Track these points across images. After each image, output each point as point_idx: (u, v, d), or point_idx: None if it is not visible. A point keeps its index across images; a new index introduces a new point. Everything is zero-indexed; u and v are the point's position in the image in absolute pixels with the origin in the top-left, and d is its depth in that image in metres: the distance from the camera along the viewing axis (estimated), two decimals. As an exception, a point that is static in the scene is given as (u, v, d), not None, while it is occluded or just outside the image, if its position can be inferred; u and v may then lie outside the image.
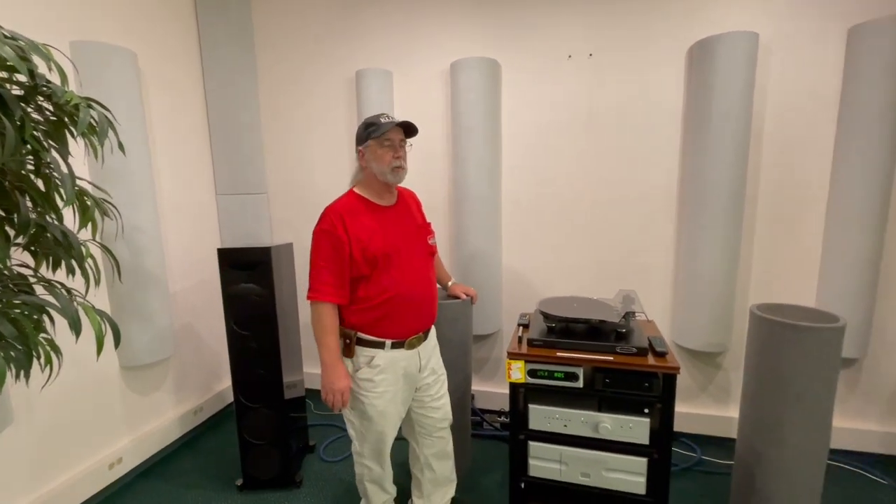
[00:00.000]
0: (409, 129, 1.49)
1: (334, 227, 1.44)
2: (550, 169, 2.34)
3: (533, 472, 1.65)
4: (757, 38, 1.95)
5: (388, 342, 1.51)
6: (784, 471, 1.60)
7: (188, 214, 2.46)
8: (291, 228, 2.74)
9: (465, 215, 2.35)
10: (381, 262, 1.47)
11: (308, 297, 1.48)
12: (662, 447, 1.51)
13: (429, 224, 1.65)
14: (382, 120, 1.46)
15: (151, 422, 2.26)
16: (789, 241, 2.12)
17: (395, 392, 1.55)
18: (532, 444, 1.64)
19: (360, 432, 1.59)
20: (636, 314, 1.71)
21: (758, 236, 2.15)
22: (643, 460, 1.53)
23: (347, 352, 1.51)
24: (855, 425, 2.14)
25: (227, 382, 2.76)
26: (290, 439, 2.03)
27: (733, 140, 1.99)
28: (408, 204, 1.63)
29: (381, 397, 1.52)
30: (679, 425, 2.32)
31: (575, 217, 2.35)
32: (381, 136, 1.44)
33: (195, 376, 2.54)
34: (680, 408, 2.32)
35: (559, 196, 2.35)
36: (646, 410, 1.51)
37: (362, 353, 1.51)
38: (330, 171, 2.62)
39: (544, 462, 1.63)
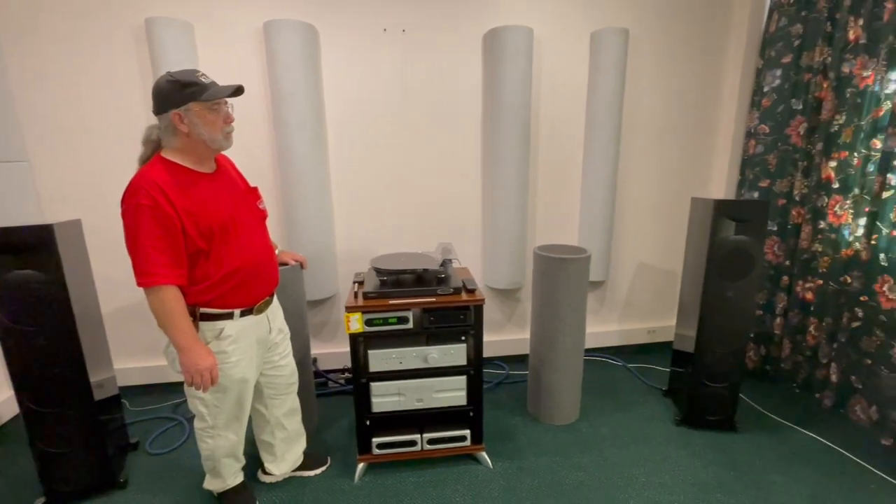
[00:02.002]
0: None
1: (156, 201, 1.28)
2: (374, 136, 2.49)
3: (376, 409, 1.87)
4: (532, 33, 2.39)
5: (237, 311, 1.49)
6: (558, 366, 2.18)
7: None
8: (72, 204, 2.28)
9: (292, 182, 2.34)
10: (217, 234, 1.40)
11: (140, 284, 1.31)
12: (476, 365, 1.88)
13: (255, 188, 1.62)
14: (203, 80, 1.33)
15: None
16: (559, 196, 2.74)
17: (250, 358, 1.56)
18: (374, 384, 1.84)
19: (213, 406, 1.55)
20: (452, 261, 2.03)
21: (539, 194, 2.72)
22: (463, 378, 1.88)
23: None
24: (603, 329, 2.97)
25: (-3, 398, 2.23)
26: (105, 440, 1.81)
27: (519, 117, 2.43)
28: (227, 169, 1.56)
29: (237, 366, 1.51)
30: (492, 351, 2.86)
31: (399, 182, 2.56)
32: (212, 101, 1.33)
33: (-56, 398, 1.99)
34: (491, 337, 2.85)
35: (384, 162, 2.53)
36: (462, 338, 1.86)
37: (208, 327, 1.45)
38: (123, 136, 2.24)
39: (385, 397, 1.86)
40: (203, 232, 1.36)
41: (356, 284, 1.94)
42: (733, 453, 2.01)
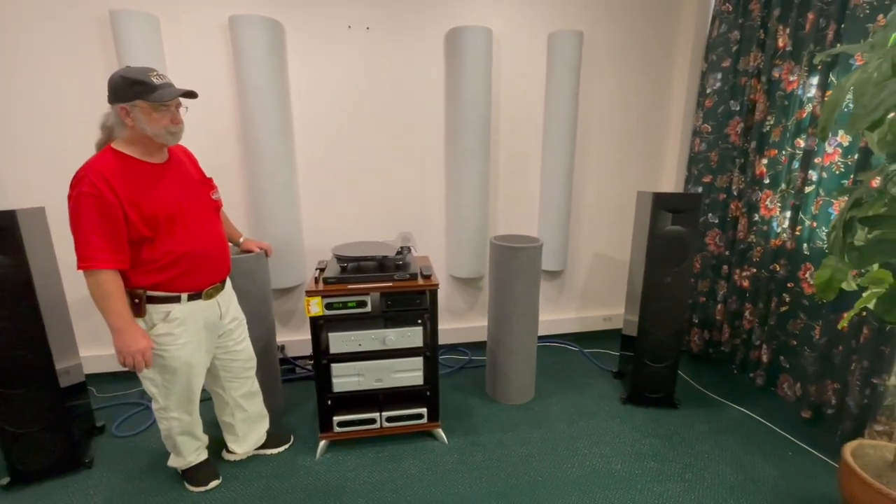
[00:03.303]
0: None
1: (99, 190, 1.35)
2: (340, 130, 2.57)
3: (337, 389, 1.96)
4: (491, 34, 2.51)
5: (184, 295, 1.55)
6: (513, 348, 2.31)
7: None
8: (35, 191, 2.29)
9: (259, 173, 2.40)
10: (163, 222, 1.46)
11: (79, 268, 1.38)
12: (433, 346, 1.99)
13: (210, 179, 1.68)
14: (155, 80, 1.39)
15: None
16: (520, 189, 2.87)
17: (198, 342, 1.62)
18: (334, 365, 1.94)
19: (163, 387, 1.62)
20: (411, 249, 2.14)
21: (501, 187, 2.85)
22: (419, 359, 1.99)
23: (138, 311, 1.49)
24: (562, 316, 3.12)
25: (-40, 385, 2.24)
26: (70, 423, 1.86)
27: (479, 113, 2.55)
28: (181, 160, 1.61)
29: (184, 348, 1.58)
30: (455, 338, 2.99)
31: (364, 175, 2.65)
32: (158, 102, 1.39)
33: None
34: (455, 324, 2.98)
35: (349, 156, 2.61)
36: (419, 321, 1.97)
37: (155, 310, 1.52)
38: (88, 125, 2.25)
39: (345, 378, 1.96)
40: (147, 220, 1.43)
41: (318, 271, 2.03)
42: (670, 427, 2.18)
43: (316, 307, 1.84)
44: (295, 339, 2.79)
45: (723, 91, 2.56)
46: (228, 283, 1.77)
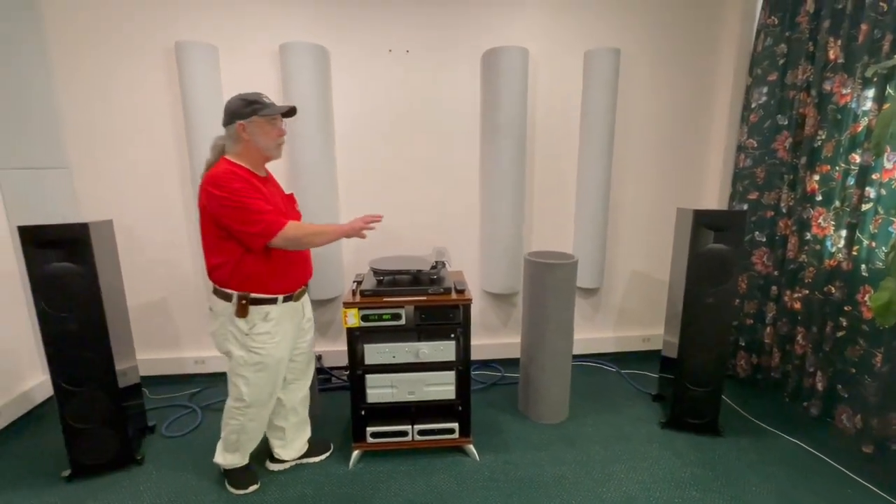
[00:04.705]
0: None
1: (244, 182, 1.56)
2: (380, 148, 2.67)
3: (371, 399, 2.00)
4: (527, 53, 2.55)
5: (280, 297, 1.71)
6: (546, 366, 2.28)
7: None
8: (105, 206, 2.51)
9: (301, 189, 2.52)
10: None
11: (271, 235, 1.57)
12: (465, 361, 2.00)
13: (291, 194, 1.89)
14: (266, 100, 1.62)
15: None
16: (555, 205, 2.87)
17: (288, 340, 1.78)
18: (368, 376, 1.99)
19: (254, 385, 1.74)
20: (445, 264, 2.17)
21: (536, 203, 2.85)
22: (452, 373, 2.01)
23: (241, 312, 1.64)
24: (598, 335, 3.05)
25: (33, 381, 2.44)
26: (126, 421, 2.00)
27: (515, 131, 2.58)
28: (272, 178, 1.83)
29: (279, 346, 1.73)
30: (489, 354, 2.98)
31: (403, 191, 2.73)
32: (271, 115, 1.60)
33: (-13, 379, 2.22)
34: (488, 340, 2.98)
35: (389, 173, 2.70)
36: (452, 335, 1.99)
37: (256, 311, 1.67)
38: (152, 145, 2.49)
39: (379, 389, 2.00)
40: None
41: (355, 284, 2.10)
42: (714, 455, 2.07)
43: (353, 318, 1.90)
44: (332, 349, 2.87)
45: (769, 105, 2.47)
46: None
